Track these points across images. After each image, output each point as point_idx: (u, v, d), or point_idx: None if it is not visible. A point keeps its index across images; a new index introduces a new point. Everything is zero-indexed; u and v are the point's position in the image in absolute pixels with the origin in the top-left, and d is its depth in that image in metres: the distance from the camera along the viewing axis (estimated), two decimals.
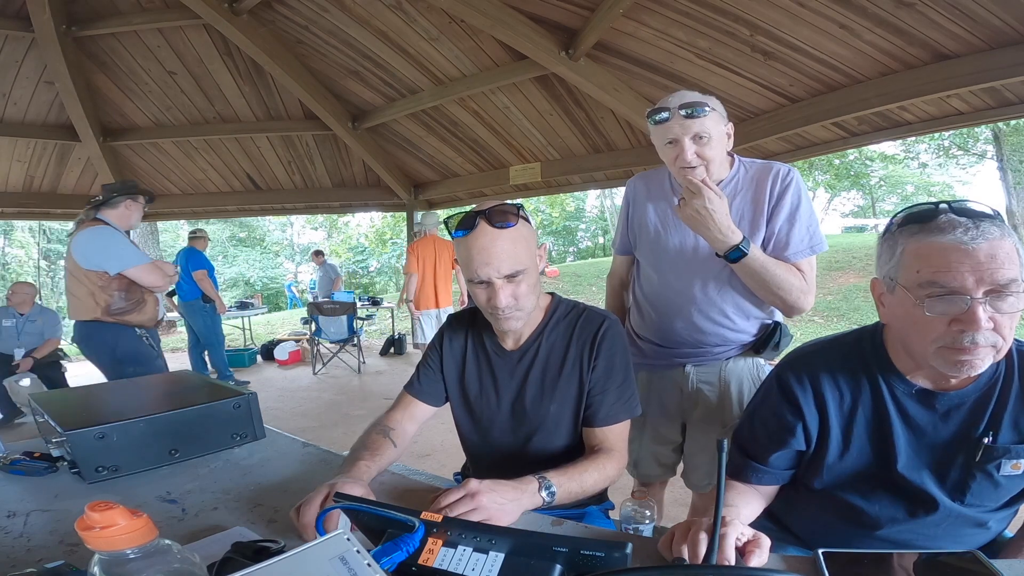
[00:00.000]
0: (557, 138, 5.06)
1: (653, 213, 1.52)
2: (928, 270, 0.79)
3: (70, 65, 4.90)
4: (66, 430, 1.05)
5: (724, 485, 0.72)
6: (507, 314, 1.07)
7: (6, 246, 18.29)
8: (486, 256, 1.03)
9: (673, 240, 1.47)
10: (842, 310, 7.60)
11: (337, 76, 5.26)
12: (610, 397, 1.13)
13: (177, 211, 7.50)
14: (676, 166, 1.38)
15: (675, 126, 1.33)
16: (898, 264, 0.84)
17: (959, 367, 0.80)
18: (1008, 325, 0.78)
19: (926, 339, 0.81)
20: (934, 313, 0.78)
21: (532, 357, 1.18)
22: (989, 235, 0.76)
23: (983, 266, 0.75)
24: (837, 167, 17.13)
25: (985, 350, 0.78)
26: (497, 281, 1.04)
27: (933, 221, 0.80)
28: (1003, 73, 2.68)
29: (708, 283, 1.44)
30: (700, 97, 1.35)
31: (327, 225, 23.08)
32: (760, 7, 2.98)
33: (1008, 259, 0.75)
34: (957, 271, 0.76)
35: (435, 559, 0.66)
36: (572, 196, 22.09)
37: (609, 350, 1.14)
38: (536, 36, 3.85)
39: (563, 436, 1.17)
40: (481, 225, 1.03)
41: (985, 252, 0.75)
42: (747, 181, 1.43)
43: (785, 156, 4.19)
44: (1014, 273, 0.75)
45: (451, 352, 1.24)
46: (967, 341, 0.77)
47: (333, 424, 4.34)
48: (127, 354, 2.76)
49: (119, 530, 0.54)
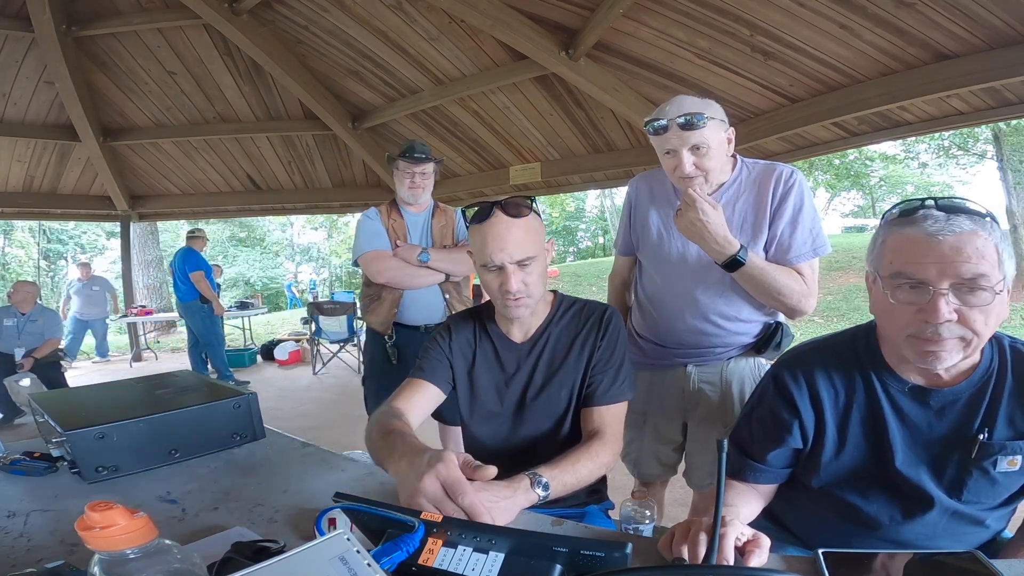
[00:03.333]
0: (557, 138, 5.06)
1: (656, 215, 1.52)
2: (898, 261, 0.82)
3: (70, 65, 4.91)
4: (66, 430, 1.05)
5: (724, 485, 0.72)
6: (517, 299, 1.12)
7: (6, 246, 18.29)
8: (500, 242, 1.10)
9: (676, 243, 1.47)
10: (842, 310, 7.60)
11: (337, 76, 5.26)
12: (610, 376, 1.16)
13: (177, 211, 7.51)
14: (675, 176, 1.39)
15: (672, 137, 1.32)
16: (878, 256, 0.87)
17: (926, 357, 0.82)
18: (979, 319, 0.78)
19: (896, 327, 0.84)
20: (898, 302, 0.82)
21: (543, 347, 1.21)
22: (958, 229, 0.77)
23: (947, 259, 0.77)
24: (837, 167, 17.12)
25: (951, 342, 0.79)
26: (509, 266, 1.10)
27: (913, 215, 0.82)
28: (1003, 73, 2.68)
29: (710, 286, 1.44)
30: (699, 105, 1.32)
31: (327, 225, 23.08)
32: (760, 7, 2.98)
33: (976, 254, 0.76)
34: (922, 263, 0.78)
35: (435, 559, 0.66)
36: (572, 196, 22.11)
37: (613, 332, 1.20)
38: (536, 36, 3.86)
39: (572, 425, 1.19)
40: (497, 214, 1.10)
41: (950, 245, 0.77)
42: (749, 183, 1.42)
43: (785, 156, 4.19)
44: (983, 269, 0.76)
45: (459, 343, 1.25)
46: (930, 332, 0.79)
47: (333, 424, 4.34)
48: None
49: (119, 530, 0.54)
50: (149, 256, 10.22)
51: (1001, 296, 0.79)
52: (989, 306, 0.78)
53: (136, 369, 7.09)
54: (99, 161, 6.02)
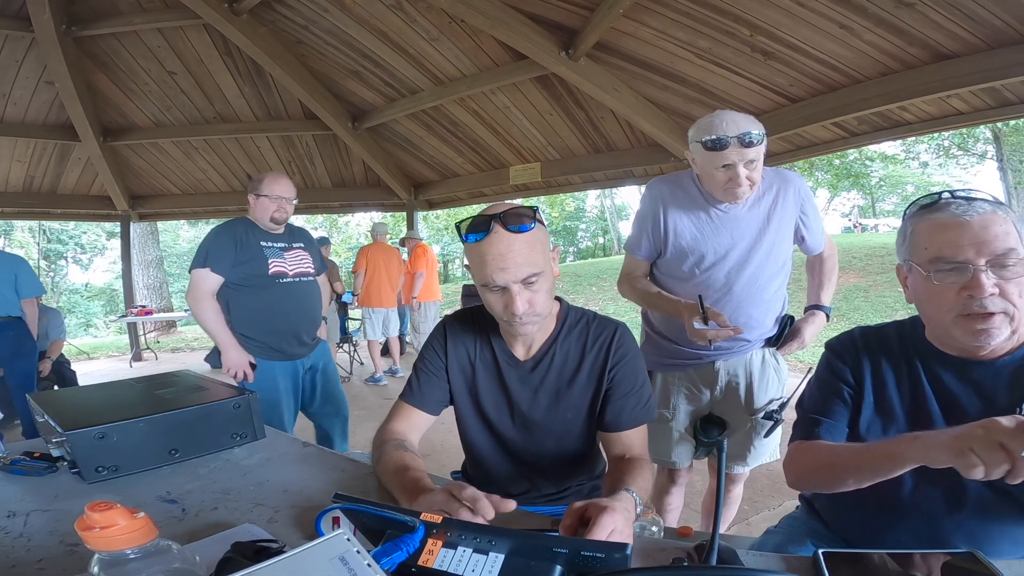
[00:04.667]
0: (557, 138, 5.06)
1: (687, 219, 1.58)
2: (934, 246, 0.87)
3: (70, 65, 4.90)
4: (66, 430, 1.04)
5: (724, 485, 0.72)
6: (524, 320, 1.03)
7: (6, 246, 18.26)
8: (502, 261, 0.98)
9: (709, 246, 1.56)
10: (842, 310, 7.59)
11: (337, 76, 5.26)
12: (633, 399, 1.12)
13: (177, 211, 7.52)
14: (726, 186, 1.47)
15: (732, 154, 1.42)
16: (910, 246, 0.92)
17: (979, 336, 0.85)
18: (1014, 292, 0.83)
19: (943, 310, 0.87)
20: (943, 283, 0.86)
21: (547, 366, 1.15)
22: (981, 210, 0.84)
23: (979, 237, 0.83)
24: (837, 167, 17.14)
25: (999, 317, 0.83)
26: (514, 287, 1.00)
27: (936, 203, 0.89)
28: (1003, 73, 2.68)
29: (745, 285, 1.56)
30: (750, 122, 1.43)
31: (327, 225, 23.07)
32: (760, 7, 2.98)
33: (1002, 231, 0.83)
34: (958, 244, 0.84)
35: (435, 560, 0.66)
36: (572, 196, 22.09)
37: (626, 356, 1.14)
38: (536, 36, 3.86)
39: (575, 443, 1.17)
40: (496, 229, 0.98)
41: (979, 224, 0.84)
42: (767, 186, 1.57)
43: (785, 156, 4.19)
44: (1011, 243, 0.83)
45: (457, 358, 1.19)
46: (976, 306, 0.83)
47: None
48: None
49: (119, 530, 0.54)
50: (149, 256, 10.22)
51: None
52: (1022, 279, 0.83)
53: (136, 369, 7.09)
54: (99, 161, 6.02)
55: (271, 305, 2.26)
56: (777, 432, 1.66)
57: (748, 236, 1.55)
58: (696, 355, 1.64)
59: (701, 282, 1.57)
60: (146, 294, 9.72)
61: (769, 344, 1.68)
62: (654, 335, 1.73)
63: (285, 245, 2.35)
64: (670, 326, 1.66)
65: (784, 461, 1.04)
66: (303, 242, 2.44)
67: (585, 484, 1.23)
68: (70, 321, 16.13)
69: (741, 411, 1.68)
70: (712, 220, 1.56)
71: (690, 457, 1.78)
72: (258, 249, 2.24)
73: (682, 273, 1.60)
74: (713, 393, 1.68)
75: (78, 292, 19.93)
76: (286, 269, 2.30)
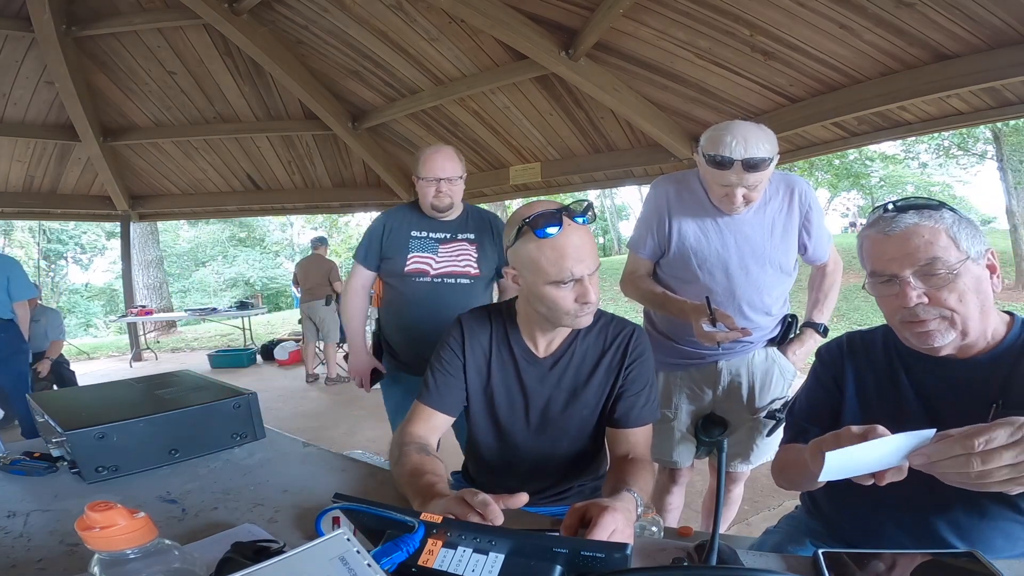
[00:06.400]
0: (557, 138, 5.06)
1: (691, 219, 1.57)
2: (869, 261, 0.93)
3: (70, 65, 4.90)
4: (66, 430, 1.05)
5: (724, 486, 0.72)
6: (591, 308, 1.06)
7: (6, 246, 18.25)
8: (579, 252, 1.01)
9: (713, 249, 1.55)
10: (842, 310, 7.59)
11: (337, 76, 5.26)
12: (642, 399, 1.14)
13: (177, 211, 7.52)
14: (721, 201, 1.47)
15: (733, 176, 1.38)
16: (861, 260, 0.97)
17: (921, 338, 0.89)
18: (949, 298, 0.86)
19: (889, 316, 0.94)
20: (881, 294, 0.93)
21: (567, 363, 1.15)
22: (903, 224, 0.88)
23: (901, 250, 0.87)
24: (837, 167, 17.12)
25: (934, 322, 0.87)
26: (587, 277, 1.03)
27: (872, 220, 0.94)
28: (1003, 73, 2.68)
29: (748, 290, 1.56)
30: (762, 139, 1.36)
31: (327, 225, 23.07)
32: (760, 7, 2.98)
33: (924, 241, 0.86)
34: (884, 258, 0.90)
35: (435, 560, 0.66)
36: (572, 196, 22.08)
37: (642, 355, 1.16)
38: (536, 36, 3.85)
39: (585, 441, 1.18)
40: (567, 222, 1.00)
41: (900, 237, 0.88)
42: (772, 190, 1.54)
43: (785, 156, 4.19)
44: (933, 253, 0.85)
45: (474, 356, 1.17)
46: (910, 315, 0.88)
47: (333, 424, 4.34)
48: None
49: (119, 530, 0.54)
50: (149, 256, 10.23)
51: (969, 273, 0.85)
52: (954, 284, 0.85)
53: (136, 369, 7.09)
54: (99, 161, 6.02)
55: (400, 310, 1.91)
56: (779, 431, 1.66)
57: (752, 240, 1.54)
58: (698, 355, 1.64)
59: (704, 284, 1.56)
60: (146, 294, 9.73)
61: (772, 344, 1.69)
62: (656, 335, 1.72)
63: (445, 236, 1.90)
64: (672, 326, 1.66)
65: (771, 464, 1.09)
66: (476, 233, 1.92)
67: (587, 484, 1.23)
68: (70, 321, 16.12)
69: (743, 410, 1.68)
70: (717, 223, 1.54)
71: (691, 457, 1.78)
72: (405, 241, 1.86)
73: (685, 274, 1.60)
74: (715, 393, 1.69)
75: (78, 292, 19.92)
76: (429, 267, 1.86)
